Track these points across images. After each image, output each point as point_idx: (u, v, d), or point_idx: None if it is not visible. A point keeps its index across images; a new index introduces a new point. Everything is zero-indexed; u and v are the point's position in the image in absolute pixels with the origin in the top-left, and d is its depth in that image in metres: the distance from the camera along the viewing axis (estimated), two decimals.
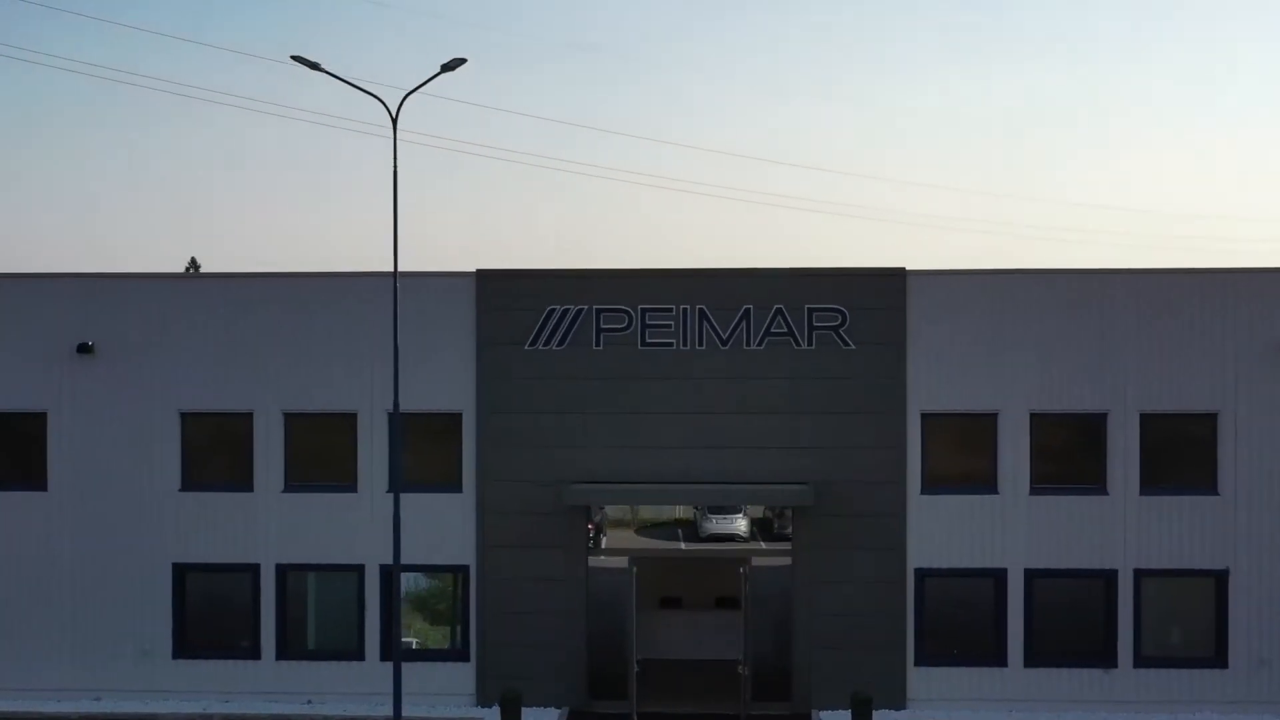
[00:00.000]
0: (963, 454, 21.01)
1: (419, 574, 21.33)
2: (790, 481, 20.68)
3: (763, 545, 28.02)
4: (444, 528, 21.16)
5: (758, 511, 31.56)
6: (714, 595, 25.25)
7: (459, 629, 21.31)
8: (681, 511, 33.97)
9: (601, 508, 21.81)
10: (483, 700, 21.11)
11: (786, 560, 21.45)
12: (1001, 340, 20.71)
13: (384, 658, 21.16)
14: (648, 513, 33.28)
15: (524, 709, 20.83)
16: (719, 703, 21.37)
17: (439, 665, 21.26)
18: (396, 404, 19.07)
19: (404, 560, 21.03)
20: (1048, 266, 21.04)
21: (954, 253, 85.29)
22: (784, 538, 21.97)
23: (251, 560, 21.40)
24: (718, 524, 31.92)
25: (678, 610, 24.76)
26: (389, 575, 21.13)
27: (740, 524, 31.77)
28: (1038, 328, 20.69)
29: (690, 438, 20.84)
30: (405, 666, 21.03)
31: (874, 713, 19.91)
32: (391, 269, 19.14)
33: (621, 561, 21.34)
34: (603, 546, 27.88)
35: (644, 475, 20.88)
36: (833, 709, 20.74)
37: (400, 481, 19.39)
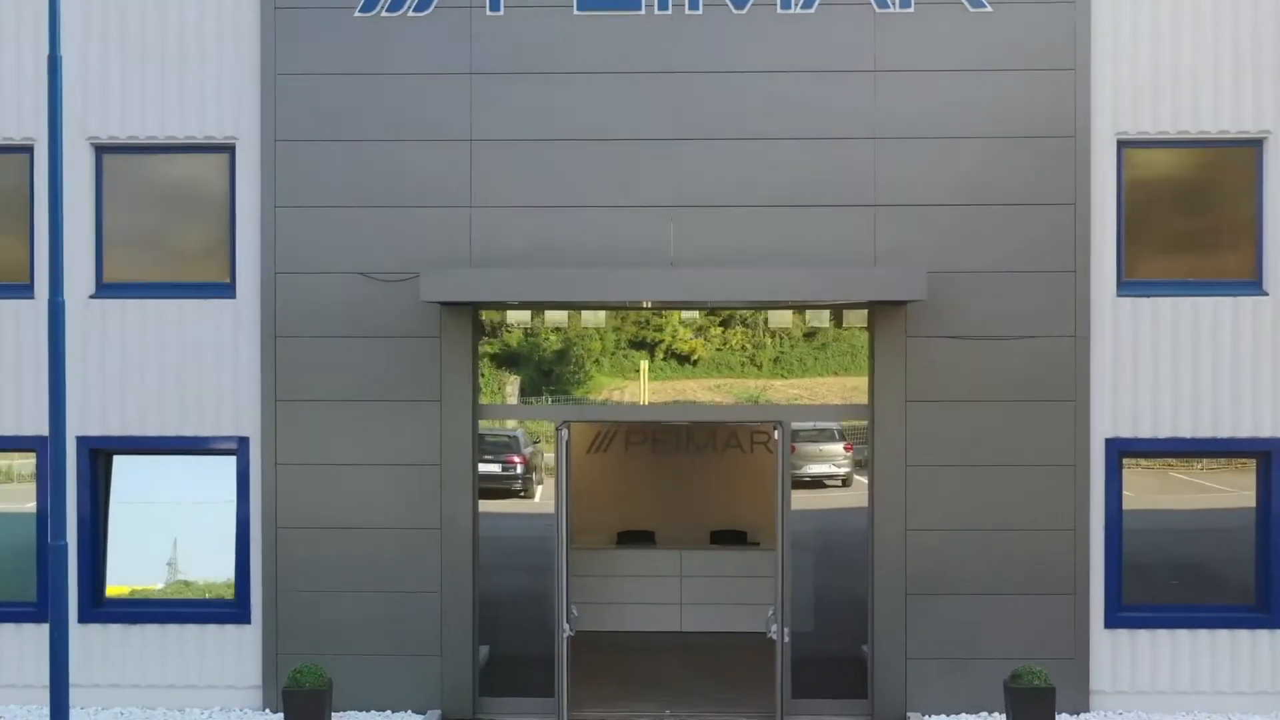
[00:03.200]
0: (1194, 218, 11.06)
1: (155, 456, 11.22)
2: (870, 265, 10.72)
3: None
4: (200, 368, 11.03)
5: None
6: (708, 526, 15.27)
7: (235, 566, 11.18)
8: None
9: (535, 439, 11.74)
10: (274, 699, 10.96)
11: (836, 500, 11.66)
12: None
13: (87, 618, 11.04)
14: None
15: (346, 714, 10.73)
16: (728, 706, 11.39)
17: (197, 632, 11.09)
18: (55, 102, 8.95)
19: (120, 431, 11.03)
20: None
21: None
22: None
23: None
24: None
25: (648, 550, 14.75)
26: (93, 458, 11.05)
27: None
28: None
29: (675, 185, 10.83)
30: (135, 633, 11.05)
31: None
32: None
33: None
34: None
35: (587, 252, 10.84)
36: (951, 714, 10.74)
37: (62, 274, 9.35)
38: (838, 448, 11.98)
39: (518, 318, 11.31)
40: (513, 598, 11.27)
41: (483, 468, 11.72)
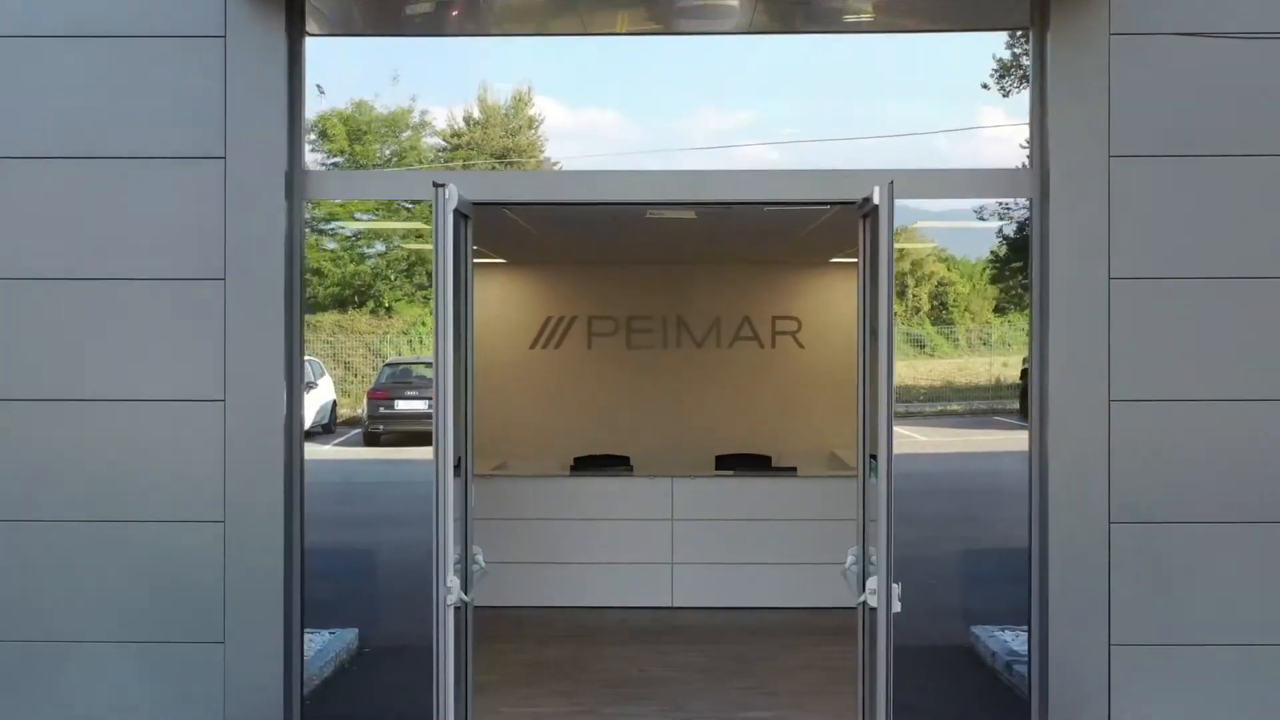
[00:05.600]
0: None
1: None
2: None
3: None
4: None
5: None
6: (711, 450, 10.18)
7: None
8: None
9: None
10: None
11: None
12: None
13: None
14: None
15: None
16: None
17: None
18: None
19: None
20: None
21: None
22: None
23: None
24: None
25: (622, 480, 9.53)
26: None
27: None
28: None
29: None
30: None
31: None
32: None
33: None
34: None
35: None
36: None
37: None
38: None
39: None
40: (421, 561, 6.24)
41: (407, 405, 9.98)
